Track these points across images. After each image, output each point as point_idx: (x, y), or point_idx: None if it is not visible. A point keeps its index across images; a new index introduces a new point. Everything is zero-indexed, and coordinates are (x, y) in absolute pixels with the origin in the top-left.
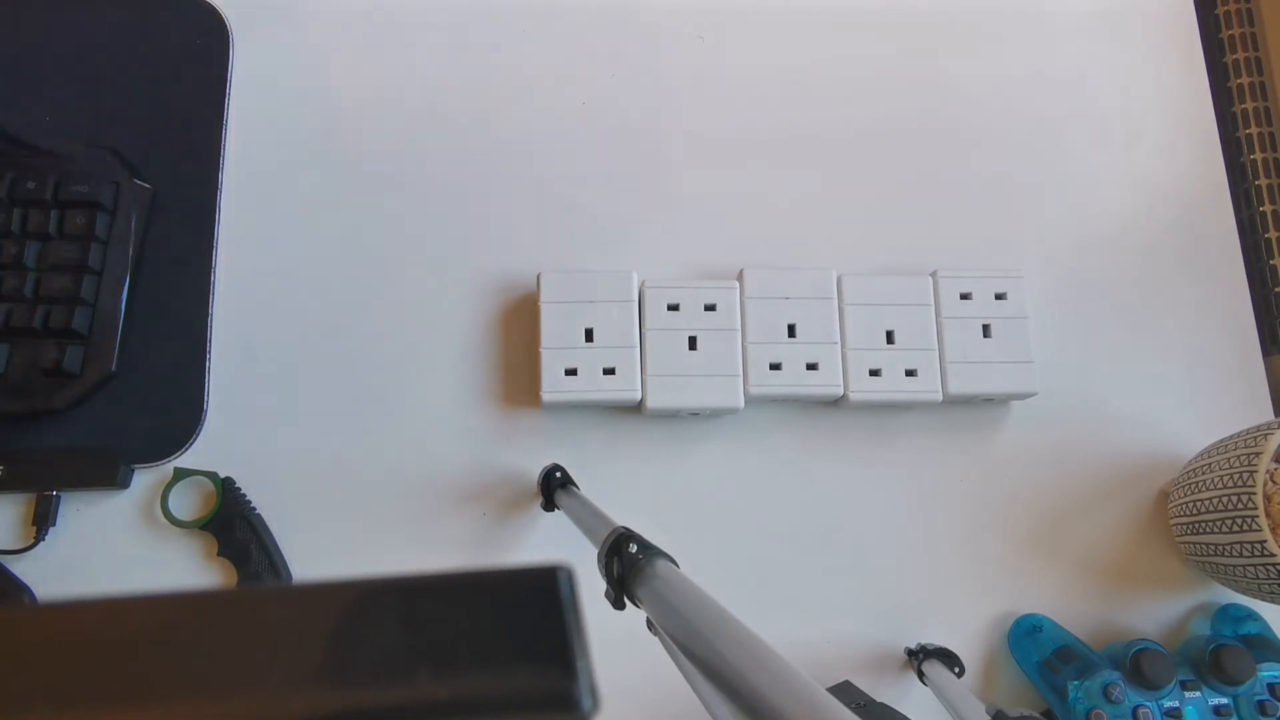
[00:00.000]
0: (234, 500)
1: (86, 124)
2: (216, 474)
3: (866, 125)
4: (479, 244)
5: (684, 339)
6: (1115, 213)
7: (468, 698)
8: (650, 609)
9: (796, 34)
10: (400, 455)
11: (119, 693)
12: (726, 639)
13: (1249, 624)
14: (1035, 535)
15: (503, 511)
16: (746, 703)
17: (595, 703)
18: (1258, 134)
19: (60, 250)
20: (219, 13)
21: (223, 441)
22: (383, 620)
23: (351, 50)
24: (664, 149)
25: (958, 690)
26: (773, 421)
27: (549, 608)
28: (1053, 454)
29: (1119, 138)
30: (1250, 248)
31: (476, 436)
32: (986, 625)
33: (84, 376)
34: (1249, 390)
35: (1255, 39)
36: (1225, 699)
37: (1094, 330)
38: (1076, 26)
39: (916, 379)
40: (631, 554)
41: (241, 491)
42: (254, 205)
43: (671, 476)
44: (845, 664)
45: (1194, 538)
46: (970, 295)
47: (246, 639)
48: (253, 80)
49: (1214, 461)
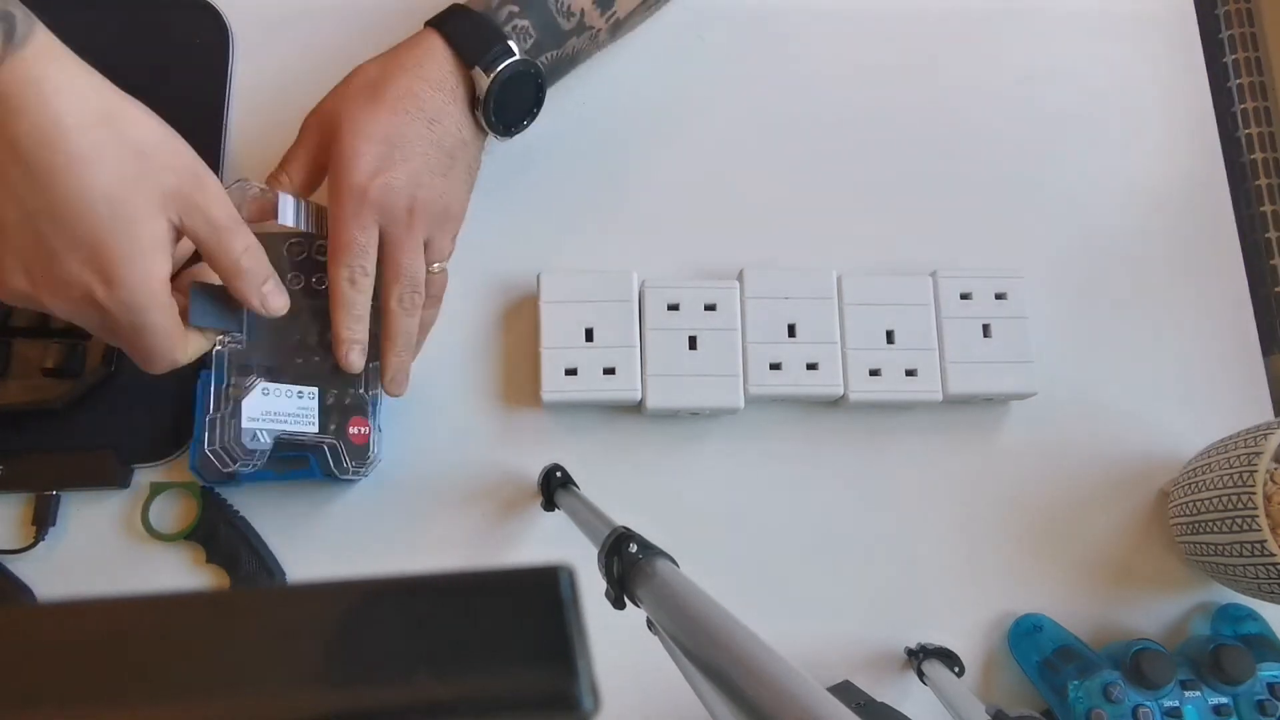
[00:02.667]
0: (215, 508)
1: None
2: (196, 484)
3: (867, 125)
4: (479, 244)
5: (684, 339)
6: (1115, 213)
7: (469, 697)
8: (650, 608)
9: (795, 34)
10: (401, 455)
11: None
12: (726, 639)
13: (1249, 624)
14: (1035, 535)
15: (503, 511)
16: (746, 702)
17: (596, 702)
18: (1257, 134)
19: None
20: (219, 13)
21: None
22: (383, 620)
23: (351, 50)
24: (663, 148)
25: (958, 690)
26: (773, 421)
27: (550, 608)
28: (1053, 454)
29: (1119, 138)
30: (1250, 248)
31: (477, 436)
32: (986, 625)
33: (84, 376)
34: (1249, 390)
35: (1255, 39)
36: (1225, 698)
37: (1094, 330)
38: (1076, 26)
39: (916, 379)
40: (631, 554)
41: (223, 498)
42: None
43: (671, 476)
44: (845, 664)
45: (1194, 537)
46: (970, 295)
47: (247, 639)
48: (253, 79)
49: (1214, 461)
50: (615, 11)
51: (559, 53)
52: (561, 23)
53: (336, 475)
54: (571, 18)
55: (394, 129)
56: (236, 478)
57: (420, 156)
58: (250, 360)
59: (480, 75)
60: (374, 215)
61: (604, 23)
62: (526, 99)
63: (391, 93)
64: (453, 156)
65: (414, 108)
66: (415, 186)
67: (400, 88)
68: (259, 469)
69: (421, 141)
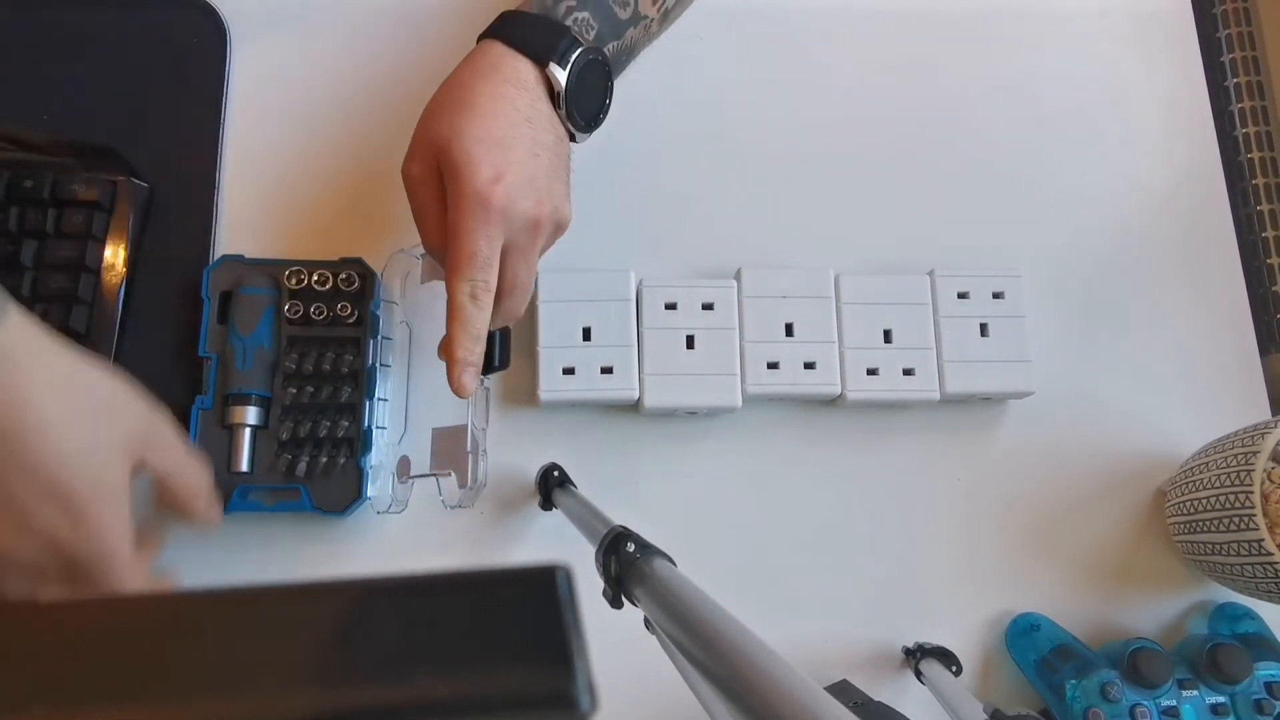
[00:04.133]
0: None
1: (84, 123)
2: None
3: (865, 124)
4: None
5: (681, 338)
6: (1112, 212)
7: (467, 697)
8: (648, 608)
9: (793, 33)
10: (399, 455)
11: (119, 692)
12: (724, 638)
13: (1246, 623)
14: (1033, 534)
15: (500, 510)
16: (744, 701)
17: (594, 702)
18: (1254, 133)
19: (58, 249)
20: (217, 12)
21: None
22: (383, 620)
23: (350, 50)
24: (661, 148)
25: (955, 689)
26: (770, 420)
27: (548, 607)
28: (1050, 453)
29: (1116, 137)
30: (1247, 246)
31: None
32: (984, 624)
33: None
34: (1246, 389)
35: (1252, 38)
36: (1222, 697)
37: (1091, 329)
38: (1073, 26)
39: (914, 378)
40: (629, 553)
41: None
42: (252, 204)
43: (669, 475)
44: (843, 663)
45: (1191, 536)
46: (968, 294)
47: (246, 638)
48: (251, 79)
49: (1211, 460)
50: (665, 1)
51: (619, 44)
52: (619, 12)
53: (445, 506)
54: (627, 7)
55: (499, 130)
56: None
57: (532, 158)
58: (242, 389)
59: (556, 70)
60: (500, 224)
61: (656, 11)
62: (600, 91)
63: (481, 99)
64: (556, 155)
65: (509, 108)
66: (534, 191)
67: (487, 93)
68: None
69: (527, 141)
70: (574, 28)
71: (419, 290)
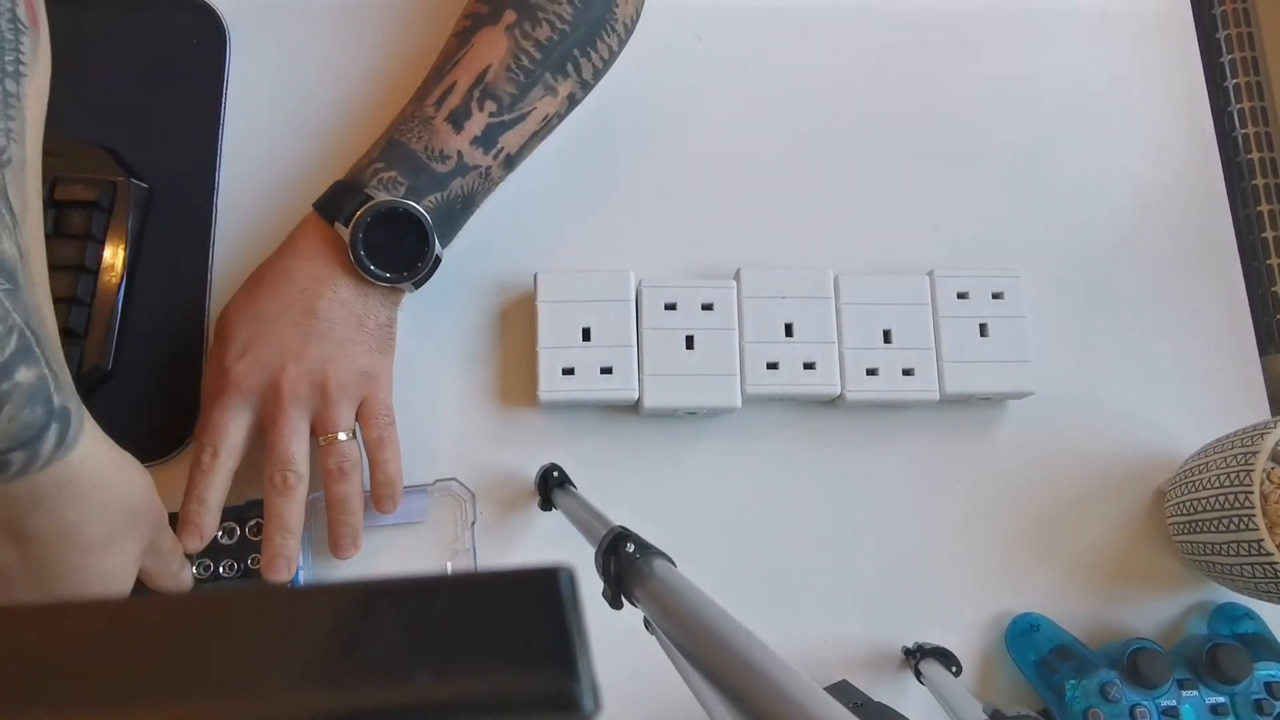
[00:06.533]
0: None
1: (83, 123)
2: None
3: (863, 124)
4: (476, 244)
5: (681, 338)
6: (1111, 212)
7: (469, 698)
8: (647, 608)
9: (792, 34)
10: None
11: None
12: (724, 638)
13: (1246, 623)
14: (1032, 534)
15: (500, 511)
16: (744, 702)
17: (597, 703)
18: (1254, 133)
19: (57, 249)
20: (217, 12)
21: None
22: (383, 621)
23: (350, 50)
24: (660, 148)
25: (955, 689)
26: (770, 421)
27: (551, 609)
28: (1049, 453)
29: (1115, 137)
30: (1246, 247)
31: (474, 436)
32: (984, 624)
33: (80, 376)
34: (1245, 389)
35: (1251, 38)
36: (1222, 698)
37: (1091, 329)
38: (1072, 26)
39: (913, 378)
40: (629, 553)
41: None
42: (251, 205)
43: (668, 476)
44: (842, 663)
45: (1191, 536)
46: (967, 294)
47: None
48: (250, 79)
49: (1210, 460)
50: (503, 149)
51: (445, 194)
52: (436, 166)
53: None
54: (447, 160)
55: (265, 305)
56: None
57: (291, 327)
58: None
59: (340, 229)
60: (237, 396)
61: (491, 160)
62: (414, 240)
63: (267, 274)
64: (331, 320)
65: (285, 281)
66: (282, 357)
67: (275, 268)
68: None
69: (292, 312)
70: (377, 187)
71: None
